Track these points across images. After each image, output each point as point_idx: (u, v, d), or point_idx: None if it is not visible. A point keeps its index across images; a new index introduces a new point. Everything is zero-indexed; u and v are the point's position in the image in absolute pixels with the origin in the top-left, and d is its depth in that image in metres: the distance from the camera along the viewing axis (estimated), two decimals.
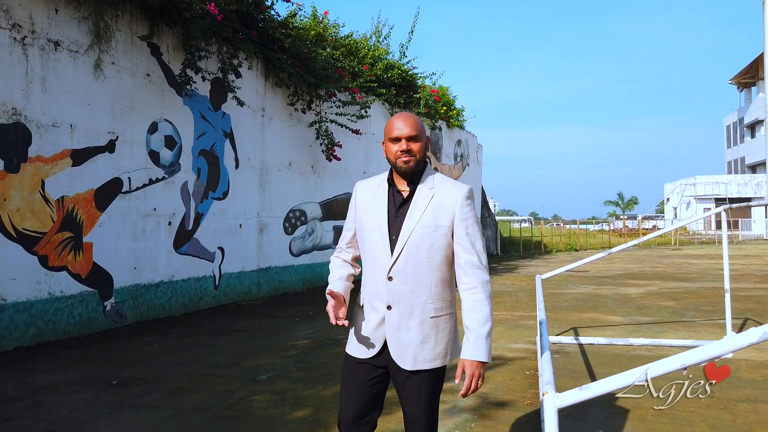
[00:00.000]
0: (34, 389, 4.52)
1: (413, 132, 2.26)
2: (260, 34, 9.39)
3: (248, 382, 4.70)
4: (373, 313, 2.28)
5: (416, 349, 2.22)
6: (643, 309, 8.50)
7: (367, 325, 2.29)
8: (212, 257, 8.94)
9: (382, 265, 2.26)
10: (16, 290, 6.08)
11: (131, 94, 7.45)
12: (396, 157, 2.27)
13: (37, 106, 6.28)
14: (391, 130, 2.29)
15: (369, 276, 2.31)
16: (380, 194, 2.34)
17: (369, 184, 2.42)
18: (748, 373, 4.86)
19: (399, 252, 2.23)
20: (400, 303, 2.23)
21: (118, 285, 7.28)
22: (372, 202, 2.34)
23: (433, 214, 2.24)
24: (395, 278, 2.23)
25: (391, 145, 2.29)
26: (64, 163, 6.59)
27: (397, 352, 2.23)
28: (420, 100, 15.25)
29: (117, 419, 3.84)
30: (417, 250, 2.22)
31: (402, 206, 2.29)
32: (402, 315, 2.23)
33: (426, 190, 2.28)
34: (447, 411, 3.95)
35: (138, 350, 5.93)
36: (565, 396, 1.93)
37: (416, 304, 2.23)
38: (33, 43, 6.24)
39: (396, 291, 2.23)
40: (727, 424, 3.66)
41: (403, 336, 2.23)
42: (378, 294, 2.27)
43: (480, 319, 2.21)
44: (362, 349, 2.29)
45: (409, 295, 2.23)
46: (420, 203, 2.26)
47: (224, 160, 9.19)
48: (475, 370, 2.17)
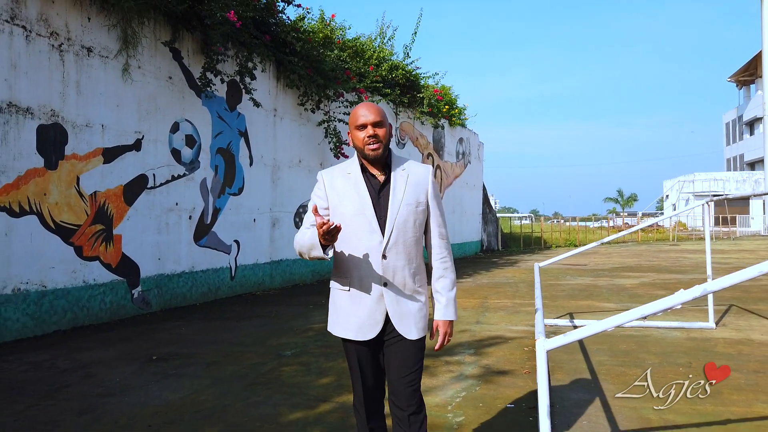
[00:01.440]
0: (83, 364, 5.04)
1: (378, 118, 2.37)
2: (273, 38, 9.89)
3: (275, 357, 5.22)
4: (366, 294, 2.37)
5: (416, 317, 2.40)
6: (636, 297, 9.02)
7: (365, 306, 2.38)
8: (229, 249, 9.46)
9: (372, 246, 2.36)
10: (55, 278, 6.60)
11: (155, 96, 7.96)
12: (364, 143, 2.36)
13: (73, 108, 6.79)
14: (357, 118, 2.38)
15: (356, 260, 2.38)
16: (356, 181, 2.42)
17: (335, 172, 2.50)
18: (725, 348, 5.39)
19: (390, 231, 2.36)
20: (395, 278, 2.37)
21: (144, 274, 7.79)
22: (349, 189, 2.42)
23: (413, 192, 2.41)
24: (389, 255, 2.36)
25: (358, 133, 2.38)
26: (96, 160, 7.10)
27: (400, 324, 2.37)
28: (423, 99, 15.74)
29: (164, 386, 4.35)
30: (404, 227, 2.38)
31: (382, 189, 2.41)
32: (398, 289, 2.38)
33: (401, 171, 2.43)
34: (454, 378, 4.47)
35: (168, 332, 6.45)
36: (552, 341, 2.44)
37: (408, 277, 2.40)
38: (68, 49, 6.75)
39: (391, 267, 2.36)
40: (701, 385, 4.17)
41: (403, 308, 2.38)
42: (371, 274, 2.36)
43: (449, 284, 2.48)
44: (364, 331, 2.38)
45: (402, 270, 2.38)
46: (399, 184, 2.40)
47: (239, 157, 9.70)
48: (447, 328, 2.46)
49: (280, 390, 4.20)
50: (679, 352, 5.24)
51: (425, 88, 15.96)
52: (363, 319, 2.37)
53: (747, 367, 4.70)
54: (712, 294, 6.40)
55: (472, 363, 4.96)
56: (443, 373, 4.64)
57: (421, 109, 15.81)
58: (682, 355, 5.14)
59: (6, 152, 6.03)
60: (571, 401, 3.91)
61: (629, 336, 5.98)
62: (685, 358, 5.01)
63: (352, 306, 2.39)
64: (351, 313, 2.39)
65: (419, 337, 2.40)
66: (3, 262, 6.02)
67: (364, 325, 2.37)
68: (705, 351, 5.27)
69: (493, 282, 11.47)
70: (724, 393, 4.01)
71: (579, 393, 4.10)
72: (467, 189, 20.45)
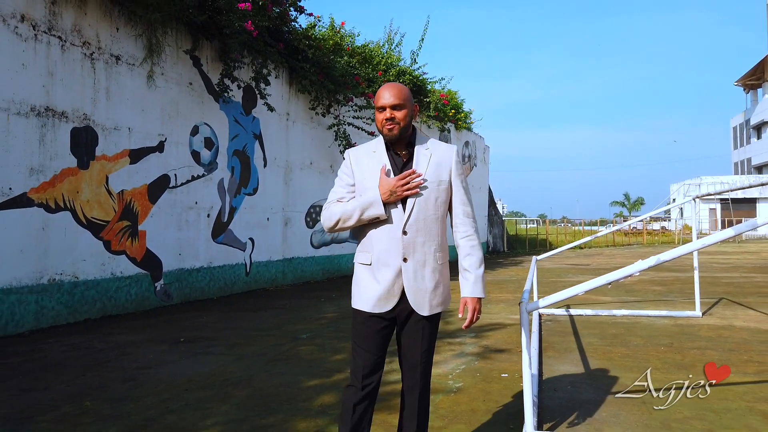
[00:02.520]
0: (117, 345, 5.53)
1: (397, 101, 2.40)
2: (286, 46, 10.40)
3: (291, 339, 5.70)
4: (386, 268, 2.41)
5: (431, 295, 2.42)
6: (632, 292, 9.44)
7: (384, 281, 2.41)
8: (244, 247, 9.95)
9: (393, 222, 2.40)
10: (86, 270, 7.10)
11: (177, 101, 8.48)
12: (382, 125, 2.44)
13: (103, 112, 7.31)
14: (378, 99, 2.44)
15: (378, 235, 2.42)
16: (380, 159, 2.47)
17: (362, 150, 2.56)
18: (706, 332, 5.81)
19: (411, 207, 2.39)
20: (414, 254, 2.40)
21: (166, 269, 8.29)
22: (373, 166, 2.46)
23: (435, 170, 2.45)
24: (409, 232, 2.39)
25: (378, 114, 2.45)
26: (123, 161, 7.62)
27: (415, 300, 2.40)
28: (430, 103, 16.23)
29: (193, 362, 4.83)
30: (426, 204, 2.42)
31: (404, 166, 2.46)
32: (417, 265, 2.40)
33: (423, 150, 2.48)
34: (455, 355, 4.93)
35: (190, 321, 6.93)
36: (533, 304, 2.89)
37: (428, 254, 2.42)
38: (99, 57, 7.28)
39: (410, 243, 2.39)
40: (677, 361, 4.61)
41: (419, 284, 2.40)
42: (391, 250, 2.40)
43: (477, 262, 2.49)
44: (381, 304, 2.41)
45: (422, 246, 2.41)
46: (422, 162, 2.45)
47: (254, 159, 10.20)
48: (476, 305, 2.45)
49: (299, 364, 4.67)
50: (663, 335, 5.67)
51: (432, 92, 16.44)
52: (381, 292, 2.40)
53: (723, 347, 5.13)
54: (698, 284, 6.82)
55: (472, 344, 5.42)
56: (446, 351, 5.10)
57: (427, 113, 16.29)
58: (666, 337, 5.58)
59: (43, 153, 6.55)
60: (559, 371, 4.36)
61: (620, 323, 6.42)
62: (668, 340, 5.45)
63: (372, 280, 2.43)
64: (370, 287, 2.43)
65: (431, 314, 2.44)
66: (40, 255, 6.53)
67: (381, 298, 2.40)
68: (687, 334, 5.71)
69: (497, 279, 11.90)
70: (698, 366, 4.44)
71: (566, 365, 4.54)
72: (473, 191, 20.88)
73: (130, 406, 3.63)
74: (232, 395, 3.84)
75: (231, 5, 8.11)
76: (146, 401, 3.73)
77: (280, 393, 3.88)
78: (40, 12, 6.52)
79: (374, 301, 2.42)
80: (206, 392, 3.92)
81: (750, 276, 11.86)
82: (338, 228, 2.48)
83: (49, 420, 3.40)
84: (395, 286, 2.41)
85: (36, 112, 6.47)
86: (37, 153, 6.48)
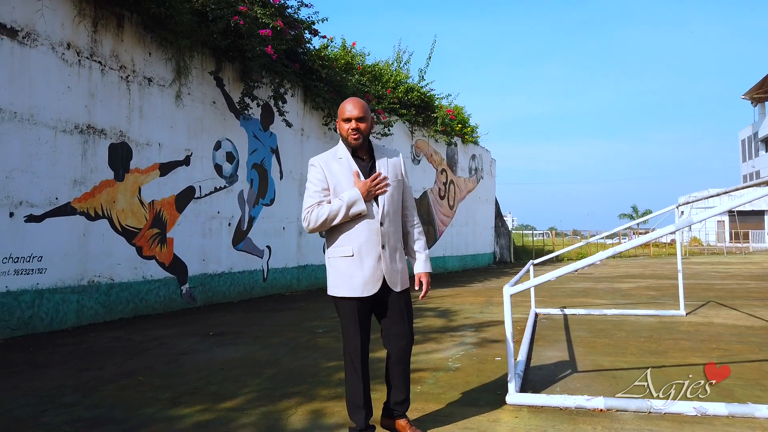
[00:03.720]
0: (154, 337, 6.19)
1: (360, 114, 2.85)
2: (301, 66, 11.13)
3: (310, 333, 6.33)
4: (368, 257, 2.83)
5: (401, 275, 2.94)
6: (627, 296, 10.00)
7: (368, 267, 2.83)
8: (262, 254, 10.62)
9: (371, 216, 2.84)
10: (121, 273, 7.78)
11: (202, 118, 9.20)
12: (347, 134, 2.87)
13: (136, 129, 8.03)
14: (343, 112, 2.87)
15: (359, 229, 2.84)
16: (348, 164, 2.90)
17: (328, 157, 2.97)
18: (686, 328, 6.39)
19: (384, 202, 2.87)
20: (389, 241, 2.89)
21: (191, 273, 8.96)
22: (344, 171, 2.89)
23: (393, 171, 2.97)
24: (385, 223, 2.87)
25: (344, 124, 2.88)
26: (154, 173, 8.32)
27: (391, 280, 2.87)
28: (437, 118, 16.91)
29: (224, 350, 5.47)
30: (391, 200, 2.91)
31: (371, 170, 2.93)
32: (391, 251, 2.89)
33: (381, 155, 2.98)
34: (456, 344, 5.54)
35: (215, 320, 7.58)
36: (515, 288, 3.51)
37: (397, 241, 2.94)
38: (133, 80, 8.01)
39: (386, 233, 2.87)
40: (652, 349, 5.20)
41: (393, 266, 2.89)
42: (371, 240, 2.84)
43: (424, 245, 3.06)
44: (368, 287, 2.83)
45: (393, 234, 2.92)
46: (382, 165, 2.95)
47: (271, 172, 10.90)
48: (428, 278, 2.99)
49: (318, 351, 5.30)
50: (646, 330, 6.25)
51: (439, 108, 17.13)
52: (367, 277, 2.82)
53: (697, 338, 5.70)
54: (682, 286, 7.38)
55: (472, 336, 6.03)
56: (447, 341, 5.72)
57: (435, 127, 16.97)
58: (648, 331, 6.16)
59: (85, 166, 7.26)
60: (546, 356, 4.96)
61: (608, 321, 7.00)
62: (649, 333, 6.03)
63: (357, 268, 2.82)
64: (356, 275, 2.82)
65: (403, 289, 2.95)
66: (81, 258, 7.22)
67: (368, 283, 2.82)
68: (668, 329, 6.28)
69: (501, 286, 12.48)
70: (669, 352, 5.03)
71: (553, 352, 5.14)
72: (480, 203, 21.50)
73: (177, 380, 4.27)
74: (262, 372, 4.48)
75: (253, 31, 8.84)
76: (190, 377, 4.37)
77: (304, 371, 4.51)
78: (84, 40, 7.26)
79: (362, 286, 2.82)
80: (240, 370, 4.56)
81: (744, 283, 12.38)
82: (324, 227, 2.87)
83: (111, 389, 4.05)
84: (378, 271, 2.83)
85: (79, 129, 7.19)
86: (79, 166, 7.19)
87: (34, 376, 4.48)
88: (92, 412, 3.53)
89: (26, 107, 6.56)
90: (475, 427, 3.13)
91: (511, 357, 3.46)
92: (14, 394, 3.97)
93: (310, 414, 3.40)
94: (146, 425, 3.26)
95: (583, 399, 3.44)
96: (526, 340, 5.44)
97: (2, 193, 6.31)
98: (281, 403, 3.65)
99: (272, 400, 3.70)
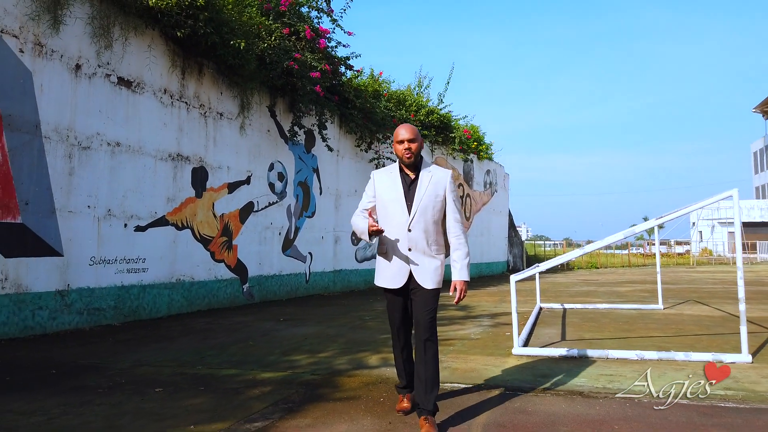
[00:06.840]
0: (236, 322, 7.88)
1: (411, 136, 3.28)
2: (339, 98, 12.89)
3: (359, 319, 8.01)
4: (395, 256, 3.28)
5: (431, 274, 3.26)
6: (622, 296, 11.58)
7: (395, 264, 3.30)
8: (305, 259, 12.33)
9: (402, 222, 3.24)
10: (199, 274, 9.52)
11: (259, 144, 10.96)
12: (402, 154, 3.29)
13: (211, 155, 9.80)
14: (398, 135, 3.31)
15: (391, 232, 3.27)
16: (395, 178, 3.33)
17: (383, 172, 3.43)
18: (658, 317, 8.00)
19: (414, 213, 3.24)
20: (417, 246, 3.25)
21: (250, 275, 10.69)
22: (390, 183, 3.33)
23: (433, 188, 3.29)
24: (413, 230, 3.24)
25: (398, 146, 3.30)
26: (223, 191, 10.08)
27: (420, 277, 3.25)
28: (455, 138, 18.61)
29: (298, 329, 7.15)
30: (425, 211, 3.25)
31: (411, 185, 3.30)
32: (418, 254, 3.26)
33: (426, 174, 3.32)
34: (476, 326, 7.20)
35: (277, 312, 9.27)
36: (519, 275, 5.14)
37: (426, 246, 3.27)
38: (209, 115, 9.79)
39: (413, 238, 3.24)
40: (625, 329, 6.82)
41: (421, 266, 3.26)
42: (400, 242, 3.25)
43: (462, 255, 3.31)
44: (395, 281, 3.30)
45: (422, 240, 3.25)
46: (424, 182, 3.29)
47: (313, 188, 12.64)
48: (463, 286, 3.26)
49: (370, 329, 6.98)
50: (626, 318, 7.87)
51: (456, 128, 18.82)
52: (394, 272, 3.30)
53: (663, 323, 7.31)
54: (660, 286, 8.96)
55: (488, 321, 7.68)
56: (469, 324, 7.37)
57: (452, 146, 18.67)
58: (627, 319, 7.77)
59: (175, 186, 9.03)
60: (544, 333, 6.60)
61: (599, 312, 8.62)
62: (627, 320, 7.64)
63: (387, 264, 3.33)
64: (386, 269, 3.34)
65: (433, 288, 3.26)
66: (171, 261, 8.97)
67: (395, 277, 3.30)
68: (644, 318, 7.89)
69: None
70: (636, 330, 6.65)
71: (550, 330, 6.79)
72: (494, 215, 23.13)
73: (277, 344, 5.96)
74: (336, 341, 6.17)
75: (304, 73, 10.61)
76: (285, 342, 6.07)
77: (365, 340, 6.19)
78: (175, 85, 9.06)
79: (390, 279, 3.34)
80: (318, 340, 6.25)
81: (730, 287, 13.87)
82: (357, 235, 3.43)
83: (236, 348, 5.73)
84: (404, 268, 3.29)
85: (171, 157, 8.97)
86: (171, 187, 8.96)
87: (173, 343, 6.19)
88: (234, 357, 5.24)
89: (136, 141, 8.34)
90: (490, 364, 4.80)
91: (515, 323, 5.10)
92: (169, 350, 5.67)
93: (380, 359, 5.09)
94: (278, 363, 4.95)
95: (564, 350, 5.08)
96: (530, 323, 7.08)
97: (120, 208, 8.08)
98: (359, 354, 5.33)
99: (352, 353, 5.39)
